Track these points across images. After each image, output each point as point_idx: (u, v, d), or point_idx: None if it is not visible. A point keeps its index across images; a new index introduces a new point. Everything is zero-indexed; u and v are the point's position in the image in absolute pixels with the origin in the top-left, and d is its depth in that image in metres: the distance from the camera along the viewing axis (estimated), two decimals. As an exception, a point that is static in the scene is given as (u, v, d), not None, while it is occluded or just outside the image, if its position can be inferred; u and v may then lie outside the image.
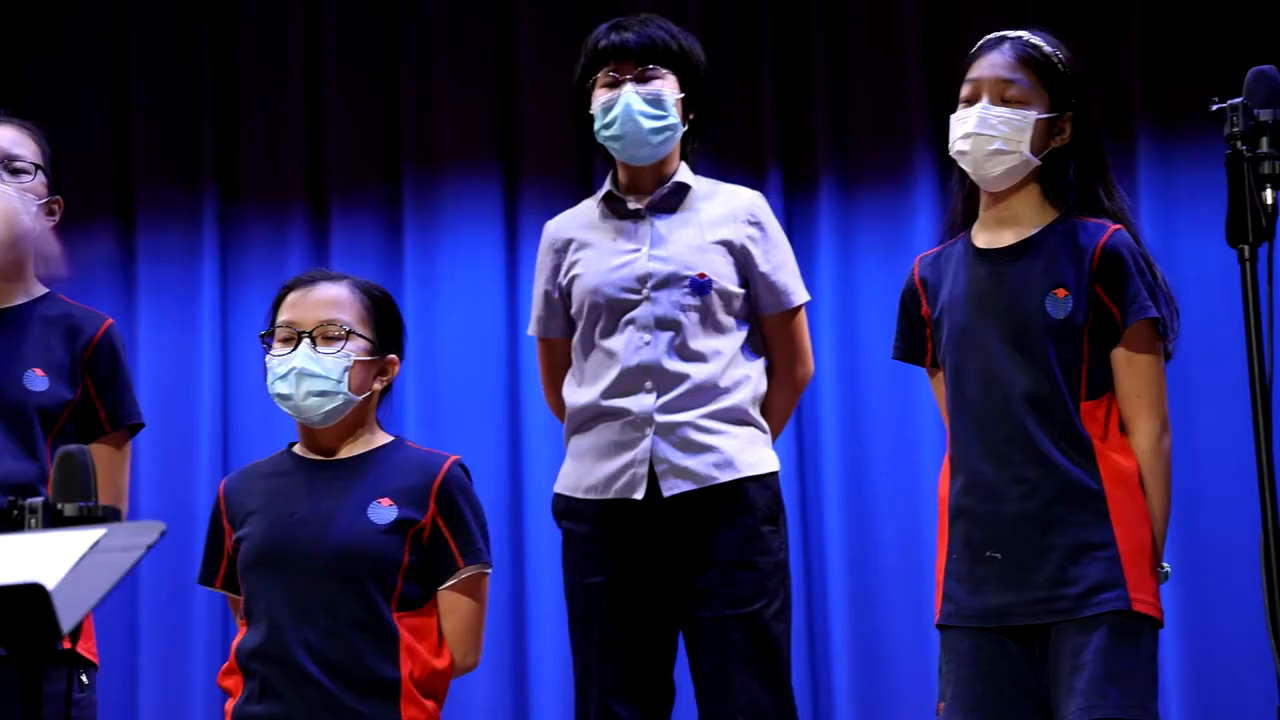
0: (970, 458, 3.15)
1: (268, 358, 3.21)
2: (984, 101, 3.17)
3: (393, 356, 3.28)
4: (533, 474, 5.04)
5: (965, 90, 3.22)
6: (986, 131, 3.15)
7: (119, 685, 4.98)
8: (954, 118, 3.22)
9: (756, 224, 3.59)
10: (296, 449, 3.28)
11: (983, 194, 3.26)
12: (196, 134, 5.29)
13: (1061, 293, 3.14)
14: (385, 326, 3.27)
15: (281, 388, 3.17)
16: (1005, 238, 3.22)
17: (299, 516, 3.15)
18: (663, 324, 3.48)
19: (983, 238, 3.25)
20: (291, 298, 3.23)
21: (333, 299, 3.21)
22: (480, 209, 5.22)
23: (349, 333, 3.19)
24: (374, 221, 5.26)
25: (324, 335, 3.18)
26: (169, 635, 5.07)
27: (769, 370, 3.59)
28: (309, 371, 3.15)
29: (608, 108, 3.51)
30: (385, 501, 3.15)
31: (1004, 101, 3.17)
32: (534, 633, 4.98)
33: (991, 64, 3.19)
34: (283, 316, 3.22)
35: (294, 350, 3.18)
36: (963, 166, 3.24)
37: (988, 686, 3.08)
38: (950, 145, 3.22)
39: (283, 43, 5.32)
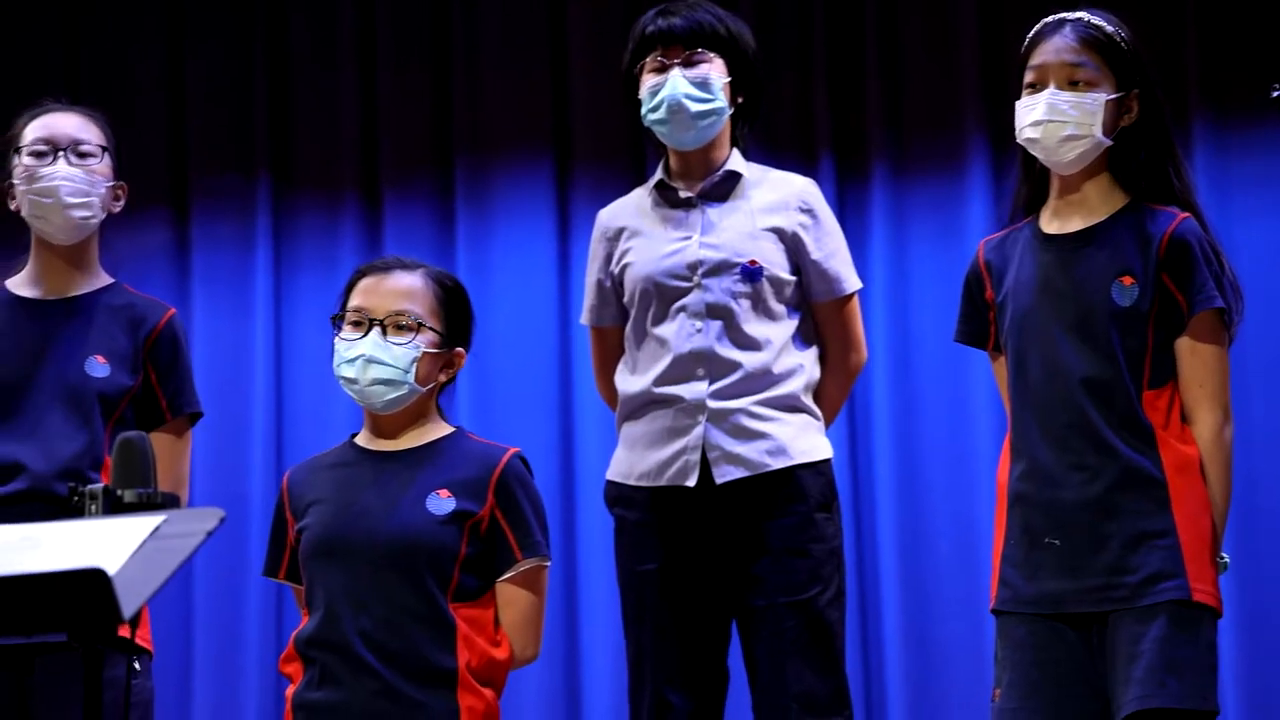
0: (1030, 443, 3.13)
1: (336, 340, 3.22)
2: (1051, 87, 3.15)
3: (459, 350, 3.28)
4: (584, 462, 5.05)
5: (1029, 76, 3.19)
6: (1057, 118, 3.13)
7: (174, 673, 5.00)
8: (1020, 105, 3.19)
9: (808, 211, 3.58)
10: (358, 439, 3.28)
11: (1053, 178, 3.24)
12: (251, 123, 5.31)
13: (1128, 280, 3.12)
14: (455, 319, 3.27)
15: (348, 371, 3.18)
16: (1073, 223, 3.20)
17: (359, 506, 3.15)
18: (714, 311, 3.48)
19: (1051, 223, 3.23)
20: (366, 283, 3.24)
21: (406, 289, 3.22)
22: (532, 197, 5.22)
23: (420, 325, 3.19)
24: (426, 210, 5.27)
25: (395, 325, 3.19)
26: (223, 623, 5.09)
27: (822, 358, 3.59)
28: (377, 359, 3.16)
29: (654, 91, 3.51)
30: (443, 493, 3.15)
31: (1071, 85, 3.15)
32: (586, 621, 4.99)
33: (1055, 48, 3.16)
34: (355, 301, 3.23)
35: (364, 337, 3.18)
36: (1034, 154, 3.21)
37: (1043, 673, 3.06)
38: (1018, 133, 3.20)
39: (336, 31, 5.33)
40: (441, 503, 3.14)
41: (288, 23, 5.37)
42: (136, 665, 3.01)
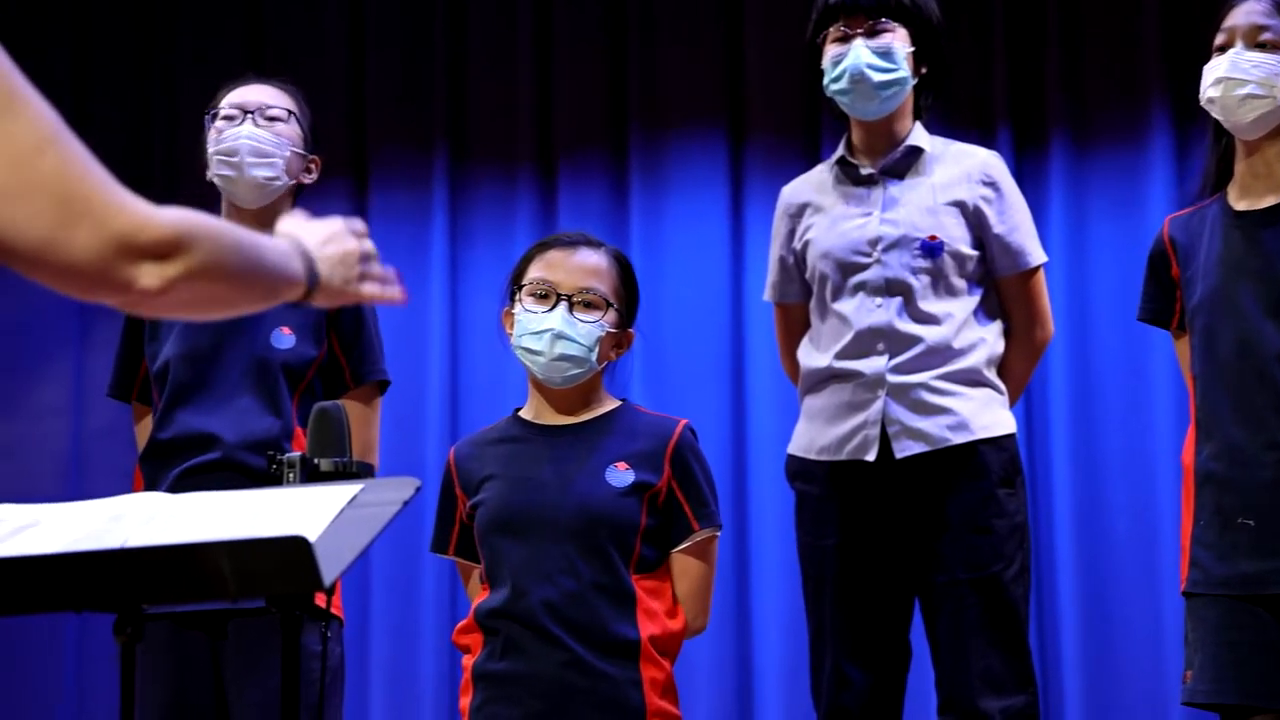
0: (1221, 422, 3.08)
1: (520, 310, 3.21)
2: (1238, 47, 3.10)
3: (631, 331, 3.28)
4: (756, 436, 5.04)
5: (1219, 39, 3.16)
6: (1238, 75, 3.09)
7: (352, 640, 5.06)
8: (1207, 67, 3.16)
9: (991, 184, 3.55)
10: (524, 414, 3.29)
11: (1238, 149, 3.19)
12: (429, 96, 5.35)
13: (1321, 255, 3.07)
14: (631, 300, 3.28)
15: (533, 343, 3.18)
16: (1265, 200, 3.14)
17: (536, 481, 3.16)
18: (893, 287, 3.47)
19: (1240, 200, 3.17)
20: (552, 256, 3.23)
21: (594, 267, 3.22)
22: (706, 170, 5.21)
23: (606, 303, 3.20)
24: (600, 183, 5.28)
25: (584, 302, 3.19)
26: (400, 591, 5.14)
27: (1007, 333, 3.55)
28: (565, 335, 3.16)
29: (837, 61, 3.49)
30: (622, 465, 3.16)
31: (1258, 46, 3.10)
32: (757, 594, 4.98)
33: (1247, 11, 3.14)
34: (540, 273, 3.22)
35: (551, 310, 3.18)
36: (1214, 115, 3.17)
37: (1236, 656, 3.02)
38: (1201, 94, 3.16)
39: (512, 6, 5.35)
40: (621, 475, 3.15)
41: (467, -2, 5.41)
42: (328, 632, 3.05)
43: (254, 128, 3.43)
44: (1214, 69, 3.14)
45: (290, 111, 3.49)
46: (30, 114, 1.51)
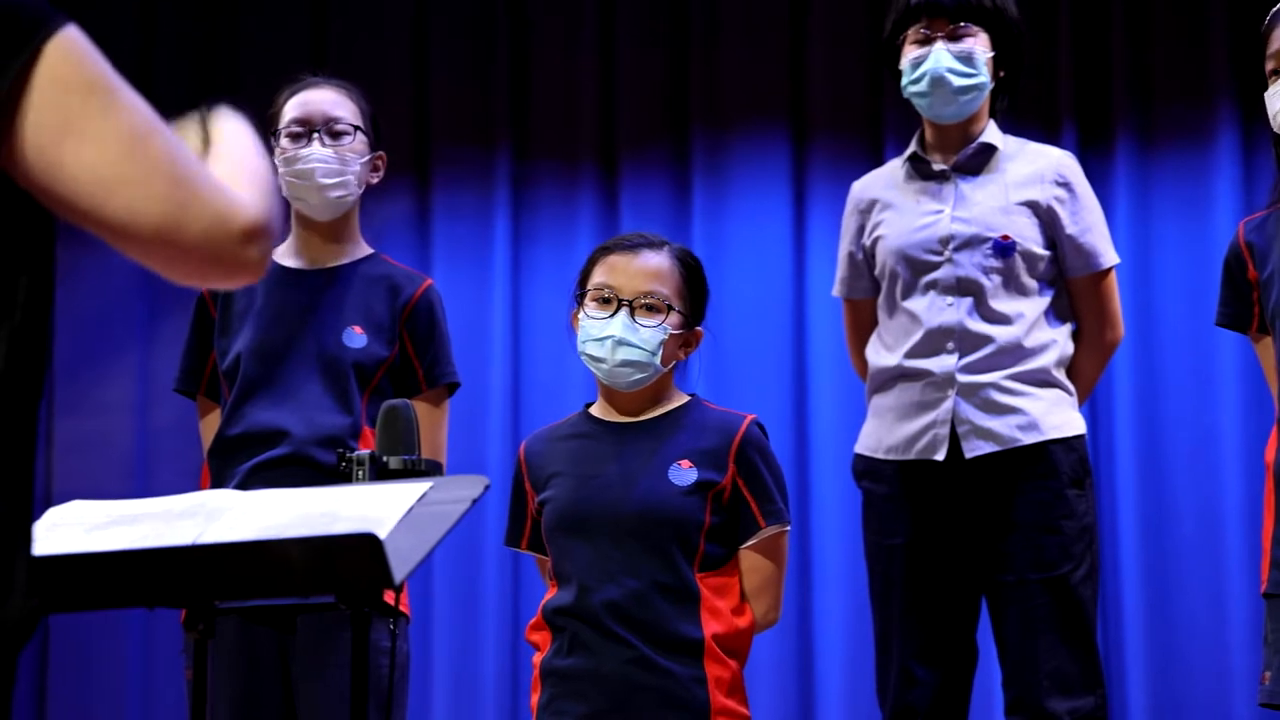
0: (1305, 422, 3.06)
1: (582, 315, 3.20)
2: None
3: (699, 329, 3.26)
4: (818, 434, 5.03)
5: (1269, 64, 3.14)
6: None
7: (415, 637, 5.07)
8: (1267, 95, 3.14)
9: (1064, 184, 3.53)
10: (594, 410, 3.28)
11: None
12: (491, 95, 5.36)
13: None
14: (696, 299, 3.25)
15: (595, 350, 3.17)
16: (1338, 204, 3.12)
17: (601, 479, 3.16)
18: (964, 286, 3.45)
19: (1316, 201, 3.15)
20: (615, 260, 3.21)
21: (656, 270, 3.19)
22: (768, 169, 5.20)
23: (668, 306, 3.18)
24: (663, 181, 5.27)
25: (644, 306, 3.17)
26: (462, 588, 5.15)
27: (1077, 334, 3.54)
28: (627, 341, 3.14)
29: (917, 63, 3.47)
30: (685, 463, 3.15)
31: None
32: (819, 592, 4.97)
33: None
34: (602, 278, 3.20)
35: (613, 316, 3.17)
36: None
37: (1318, 657, 2.99)
38: (1271, 119, 3.14)
39: (575, 4, 5.35)
40: (684, 473, 3.14)
41: (529, -5, 5.42)
42: (392, 626, 3.06)
43: (322, 148, 3.43)
44: (1274, 96, 3.12)
45: (356, 126, 3.48)
46: (130, 105, 1.55)
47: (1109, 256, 3.55)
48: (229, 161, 1.71)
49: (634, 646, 3.05)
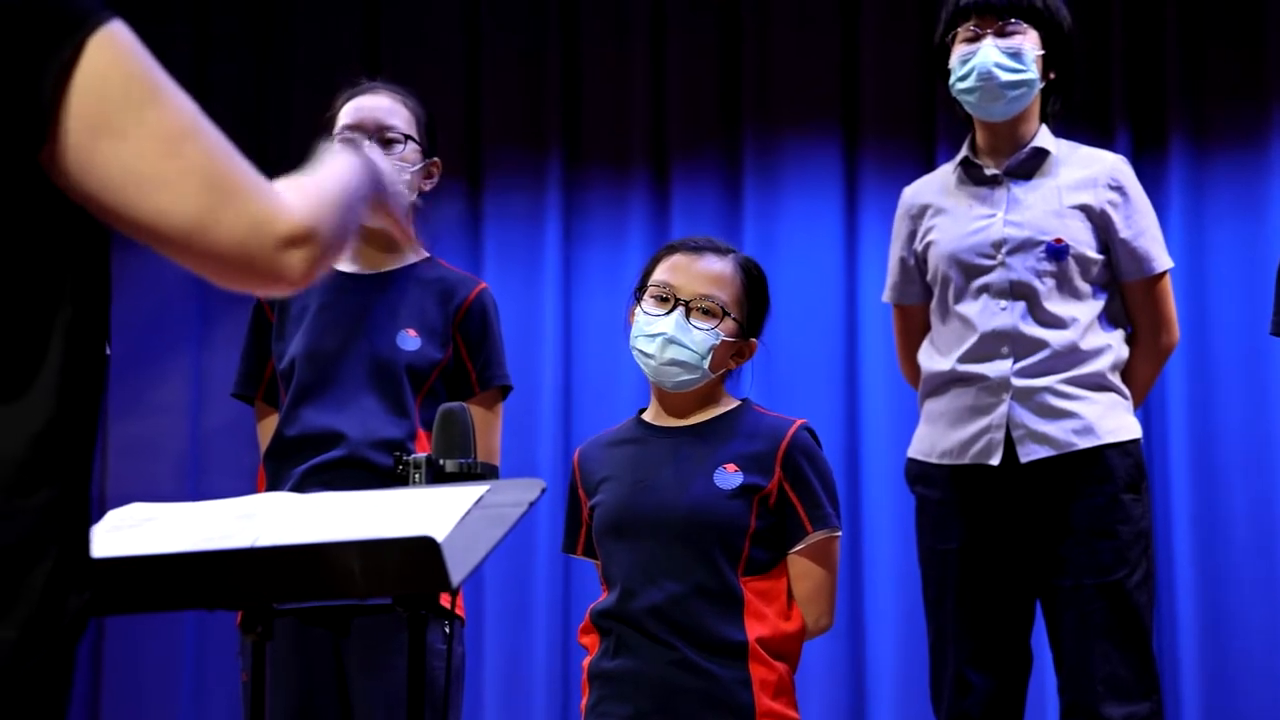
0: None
1: (638, 311, 3.20)
2: None
3: (753, 340, 3.25)
4: (869, 439, 5.02)
5: None
6: None
7: (467, 640, 5.08)
8: None
9: (1118, 188, 3.52)
10: (646, 415, 3.28)
11: None
12: (542, 98, 5.36)
13: None
14: (755, 311, 3.24)
15: (645, 345, 3.17)
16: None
17: (649, 483, 3.15)
18: (1017, 290, 3.44)
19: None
20: (677, 259, 3.21)
21: (717, 275, 3.19)
22: (820, 172, 5.19)
23: (724, 312, 3.17)
24: (714, 184, 5.27)
25: (700, 309, 3.16)
26: (513, 591, 5.16)
27: (1131, 338, 3.52)
28: (677, 340, 3.14)
29: (965, 60, 3.47)
30: (730, 467, 3.14)
31: None
32: (870, 597, 4.96)
33: None
34: (663, 276, 3.20)
35: (668, 314, 3.17)
36: None
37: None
38: None
39: (628, 7, 5.36)
40: (729, 477, 3.13)
41: (580, -1, 5.42)
42: (446, 629, 3.06)
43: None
44: None
45: (407, 135, 3.48)
46: (173, 104, 1.53)
47: (1163, 261, 3.53)
48: (304, 174, 1.69)
49: (676, 649, 3.05)
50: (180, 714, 5.29)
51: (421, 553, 2.11)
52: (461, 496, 2.31)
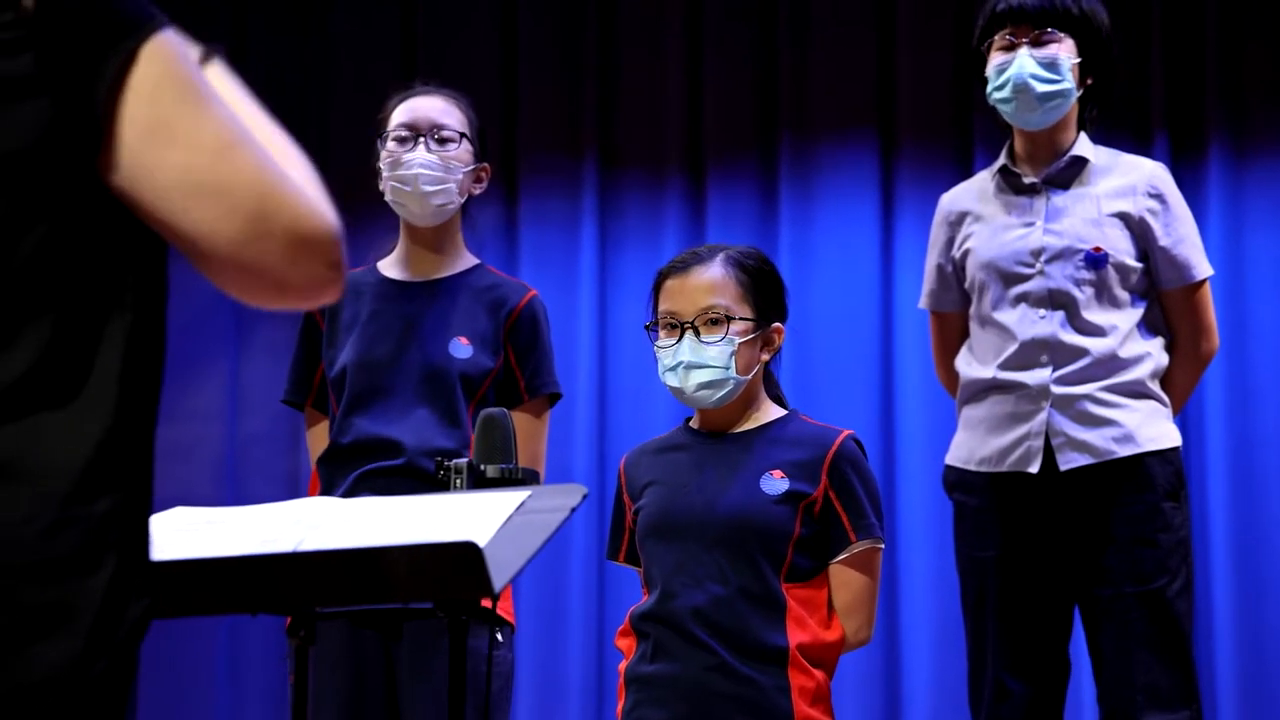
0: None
1: (656, 347, 3.19)
2: None
3: (777, 325, 3.23)
4: (905, 445, 5.01)
5: None
6: None
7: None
8: None
9: (1157, 196, 3.51)
10: (693, 423, 3.28)
11: None
12: (579, 102, 5.37)
13: None
14: (765, 296, 3.21)
15: (671, 380, 3.16)
16: None
17: (693, 487, 3.15)
18: (1056, 298, 3.43)
19: None
20: (669, 285, 3.19)
21: (709, 283, 3.15)
22: (856, 177, 5.19)
23: (729, 317, 3.15)
24: (750, 189, 5.27)
25: (705, 322, 3.14)
26: (548, 598, 5.16)
27: (1170, 346, 3.51)
28: (696, 363, 3.12)
29: (1001, 70, 3.46)
30: (777, 474, 3.13)
31: None
32: (905, 604, 4.95)
33: None
34: (664, 305, 3.19)
35: (679, 342, 3.15)
36: None
37: None
38: None
39: (664, 11, 5.36)
40: (775, 483, 3.13)
41: (617, 4, 5.42)
42: (499, 636, 3.06)
43: (427, 154, 3.44)
44: None
45: (462, 134, 3.49)
46: (219, 112, 1.53)
47: (1202, 268, 3.52)
48: (300, 160, 1.62)
49: (716, 653, 3.04)
50: (217, 715, 5.31)
51: (464, 558, 2.11)
52: (504, 502, 2.31)
